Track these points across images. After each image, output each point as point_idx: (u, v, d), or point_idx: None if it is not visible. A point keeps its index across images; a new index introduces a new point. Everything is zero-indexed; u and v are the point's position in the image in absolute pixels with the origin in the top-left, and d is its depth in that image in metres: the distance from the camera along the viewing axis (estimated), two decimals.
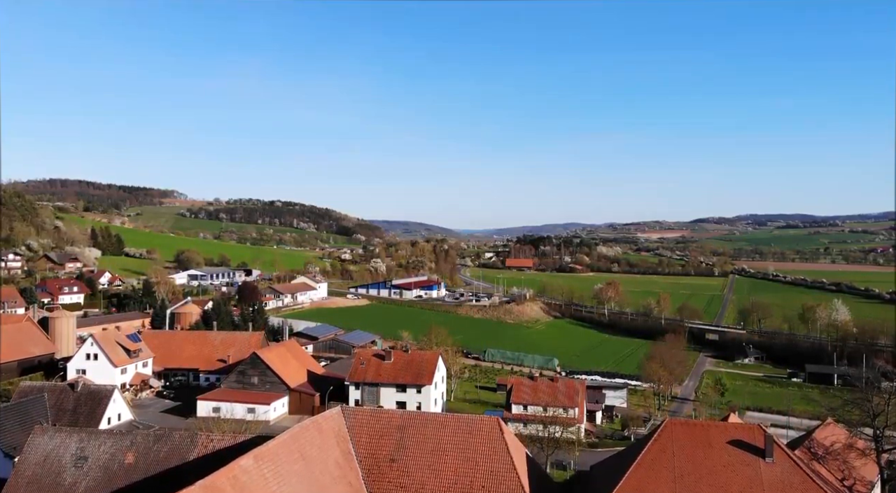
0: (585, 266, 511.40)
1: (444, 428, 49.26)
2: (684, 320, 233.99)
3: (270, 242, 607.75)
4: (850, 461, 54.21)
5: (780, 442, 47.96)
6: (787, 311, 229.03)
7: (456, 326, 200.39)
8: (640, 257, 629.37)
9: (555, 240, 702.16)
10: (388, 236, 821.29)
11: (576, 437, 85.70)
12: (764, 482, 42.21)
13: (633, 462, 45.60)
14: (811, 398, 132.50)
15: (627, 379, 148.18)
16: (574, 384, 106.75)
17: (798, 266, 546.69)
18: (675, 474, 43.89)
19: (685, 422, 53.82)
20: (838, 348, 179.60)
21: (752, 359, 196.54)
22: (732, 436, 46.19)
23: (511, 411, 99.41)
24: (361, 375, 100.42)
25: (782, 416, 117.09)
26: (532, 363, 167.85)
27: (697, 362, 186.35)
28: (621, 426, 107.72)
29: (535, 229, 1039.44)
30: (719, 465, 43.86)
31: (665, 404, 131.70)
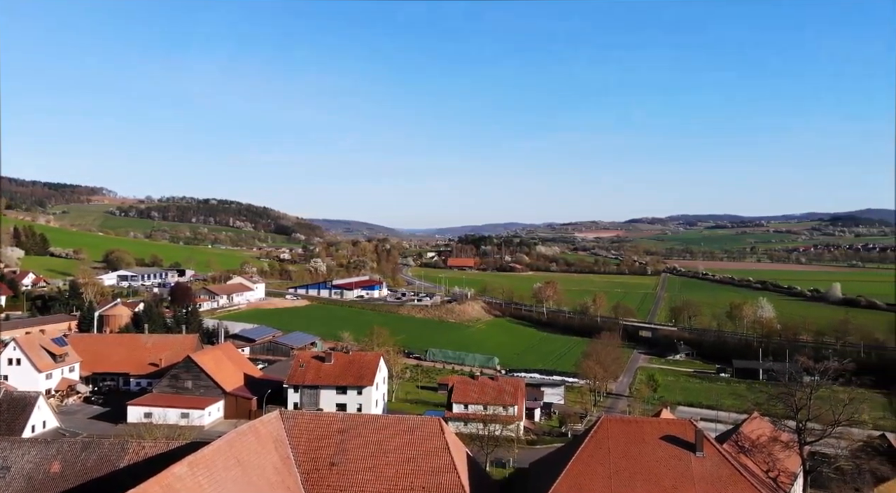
0: (525, 265, 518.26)
1: (385, 430, 49.16)
2: (619, 318, 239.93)
3: (205, 242, 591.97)
4: (774, 453, 56.76)
5: (710, 436, 49.87)
6: (716, 309, 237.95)
7: (398, 326, 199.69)
8: (578, 257, 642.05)
9: (496, 240, 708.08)
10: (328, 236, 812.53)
11: (515, 435, 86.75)
12: (694, 475, 43.80)
13: (570, 459, 46.58)
14: (738, 393, 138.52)
15: (565, 377, 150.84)
16: (514, 383, 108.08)
17: (726, 265, 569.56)
18: (611, 470, 45.06)
19: (620, 419, 55.33)
20: (763, 345, 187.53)
21: (682, 355, 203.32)
22: (665, 431, 47.75)
23: (452, 410, 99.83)
24: (300, 377, 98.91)
25: (711, 410, 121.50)
26: (473, 363, 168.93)
27: (631, 359, 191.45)
28: (559, 423, 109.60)
29: (477, 229, 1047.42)
30: (653, 460, 45.27)
31: (601, 401, 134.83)
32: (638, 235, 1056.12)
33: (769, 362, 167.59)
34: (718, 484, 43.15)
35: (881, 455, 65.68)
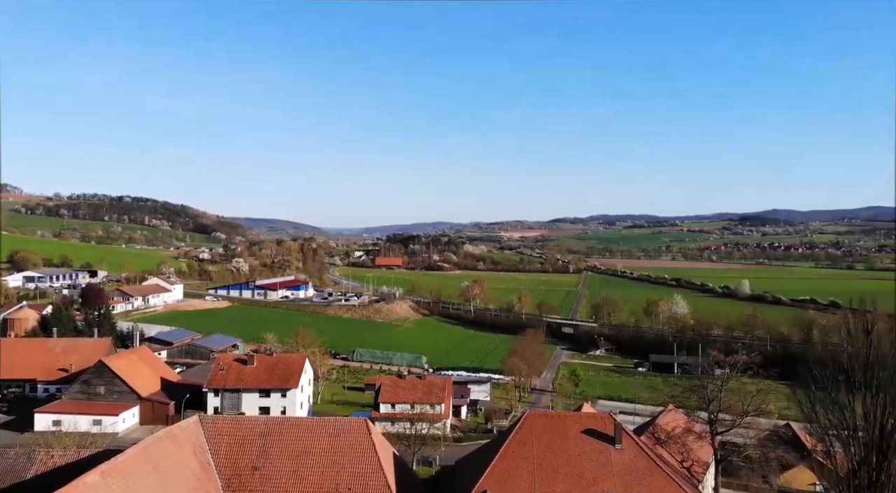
0: (453, 264, 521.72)
1: (309, 432, 48.42)
2: (543, 316, 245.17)
3: (118, 241, 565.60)
4: (688, 443, 59.37)
5: (628, 429, 51.64)
6: (634, 305, 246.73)
7: (324, 326, 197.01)
8: (504, 256, 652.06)
9: (424, 239, 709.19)
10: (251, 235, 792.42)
11: (442, 433, 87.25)
12: (614, 467, 45.26)
13: (495, 455, 47.21)
14: (655, 387, 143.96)
15: (491, 374, 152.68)
16: (441, 381, 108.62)
17: (643, 263, 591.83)
18: (535, 464, 45.97)
19: (543, 414, 56.54)
20: (678, 340, 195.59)
21: (602, 351, 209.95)
22: (586, 425, 49.12)
23: (379, 410, 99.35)
24: (221, 381, 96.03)
25: (630, 404, 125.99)
26: (401, 362, 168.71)
27: (555, 355, 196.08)
28: (485, 420, 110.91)
29: (405, 228, 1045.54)
30: (574, 454, 46.48)
31: (525, 397, 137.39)
32: (561, 234, 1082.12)
33: (683, 356, 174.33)
34: (636, 475, 44.74)
35: (786, 444, 69.94)
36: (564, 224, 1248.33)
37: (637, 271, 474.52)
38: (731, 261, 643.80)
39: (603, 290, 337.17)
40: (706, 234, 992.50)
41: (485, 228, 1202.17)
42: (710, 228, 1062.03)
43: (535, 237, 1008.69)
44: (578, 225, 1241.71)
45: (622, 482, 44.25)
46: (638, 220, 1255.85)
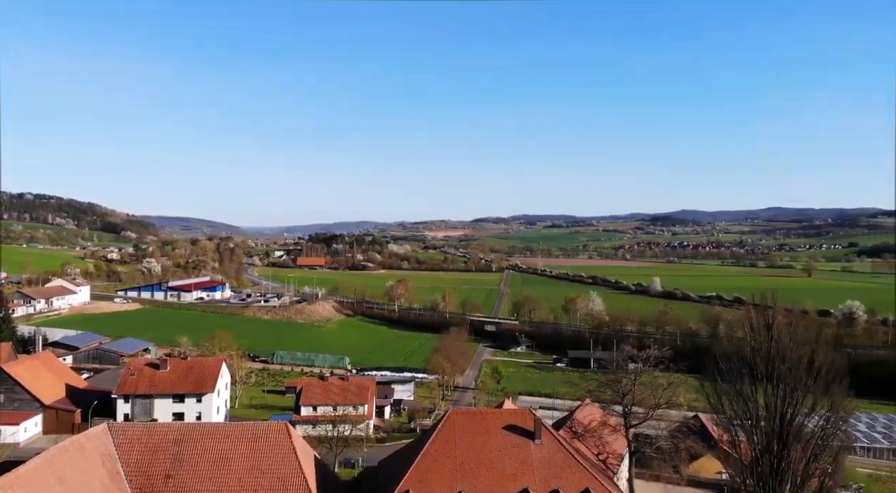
0: (377, 264, 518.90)
1: (227, 438, 47.10)
2: (467, 314, 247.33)
3: (19, 241, 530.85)
4: (604, 436, 61.33)
5: (547, 424, 52.85)
6: (553, 303, 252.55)
7: (242, 329, 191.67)
8: (428, 255, 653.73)
9: (347, 238, 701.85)
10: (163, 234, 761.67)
11: (365, 434, 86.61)
12: (533, 462, 46.24)
13: (418, 454, 47.30)
14: (573, 382, 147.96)
15: (415, 373, 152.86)
16: (364, 382, 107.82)
17: (562, 262, 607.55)
18: (457, 462, 46.34)
19: (466, 411, 57.10)
20: (594, 335, 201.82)
21: (523, 347, 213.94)
22: (507, 421, 49.94)
23: (300, 413, 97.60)
24: (132, 386, 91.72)
25: (549, 399, 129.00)
26: (323, 363, 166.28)
27: (478, 353, 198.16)
28: (408, 419, 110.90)
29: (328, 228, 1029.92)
30: (495, 449, 47.17)
31: (449, 395, 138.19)
32: (484, 233, 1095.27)
33: (599, 351, 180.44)
34: (555, 469, 45.87)
35: (695, 435, 73.37)
36: (487, 224, 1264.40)
37: (556, 270, 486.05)
38: (643, 259, 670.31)
39: (524, 288, 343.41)
40: (620, 233, 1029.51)
41: (409, 227, 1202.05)
42: (624, 227, 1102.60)
43: (459, 237, 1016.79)
44: (501, 225, 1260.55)
45: (541, 476, 45.24)
46: (557, 220, 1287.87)
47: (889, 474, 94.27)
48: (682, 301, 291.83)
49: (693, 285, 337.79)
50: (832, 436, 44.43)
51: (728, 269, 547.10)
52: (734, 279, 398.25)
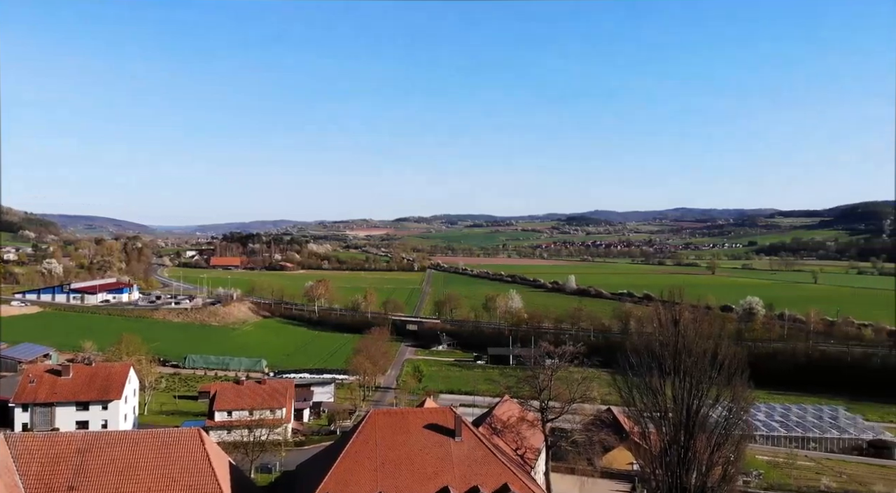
0: (296, 264, 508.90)
1: (135, 446, 45.03)
2: (388, 314, 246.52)
3: None
4: (522, 431, 62.50)
5: (467, 421, 53.39)
6: (474, 301, 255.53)
7: (152, 332, 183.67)
8: (350, 254, 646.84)
9: (264, 237, 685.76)
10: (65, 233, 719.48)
11: (282, 438, 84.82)
12: (454, 459, 46.60)
13: (338, 456, 46.72)
14: (492, 379, 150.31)
15: (336, 374, 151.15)
16: (282, 385, 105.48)
17: (482, 261, 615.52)
18: (378, 462, 46.09)
19: (387, 411, 56.83)
20: (513, 333, 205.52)
21: (445, 346, 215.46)
22: (428, 420, 50.08)
23: (214, 419, 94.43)
24: (31, 394, 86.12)
25: (470, 396, 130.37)
26: (239, 367, 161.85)
27: (399, 352, 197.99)
28: (328, 422, 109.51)
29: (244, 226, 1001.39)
30: (416, 449, 47.22)
31: (370, 395, 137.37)
32: (406, 233, 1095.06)
33: (518, 348, 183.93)
34: (474, 466, 46.40)
35: (608, 427, 75.87)
36: (409, 223, 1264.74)
37: (477, 269, 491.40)
38: (559, 258, 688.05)
39: (446, 287, 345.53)
40: (538, 233, 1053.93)
41: (330, 226, 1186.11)
42: (541, 227, 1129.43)
43: (381, 236, 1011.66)
44: (423, 224, 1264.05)
45: (461, 473, 45.66)
46: (478, 219, 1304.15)
47: (786, 460, 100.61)
48: (596, 298, 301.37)
49: (606, 283, 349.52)
50: (734, 426, 46.88)
51: (638, 267, 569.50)
52: (644, 277, 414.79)
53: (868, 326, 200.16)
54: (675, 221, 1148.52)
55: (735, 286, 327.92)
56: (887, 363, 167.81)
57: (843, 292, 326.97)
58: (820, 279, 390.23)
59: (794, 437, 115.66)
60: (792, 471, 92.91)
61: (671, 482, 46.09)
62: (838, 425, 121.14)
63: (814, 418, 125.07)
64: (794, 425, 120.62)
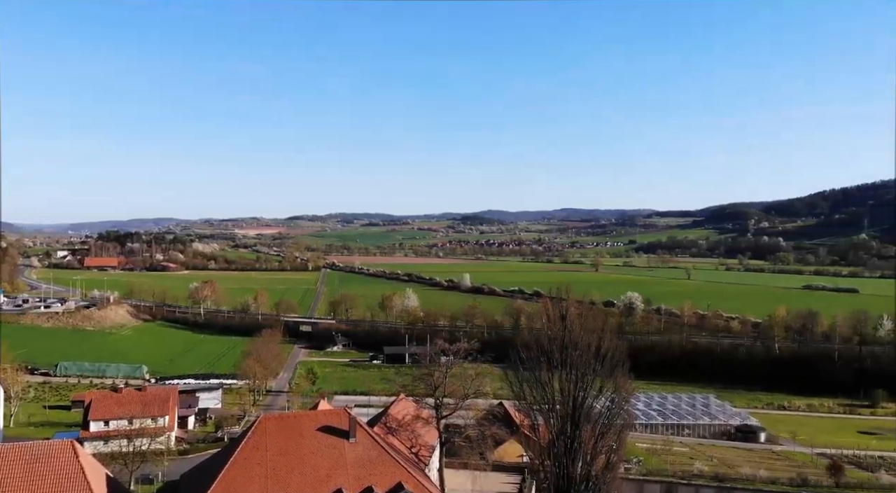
0: (180, 264, 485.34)
1: (0, 461, 41.31)
2: (280, 315, 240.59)
3: None
4: (417, 429, 62.82)
5: (362, 422, 52.97)
6: (370, 300, 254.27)
7: (19, 338, 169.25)
8: (239, 254, 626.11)
9: (145, 236, 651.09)
10: None
11: (165, 447, 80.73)
12: (347, 461, 46.10)
13: (225, 464, 45.01)
14: (388, 378, 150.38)
15: (223, 379, 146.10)
16: (164, 392, 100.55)
17: (379, 260, 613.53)
18: (268, 469, 44.80)
19: (278, 416, 55.40)
20: (410, 331, 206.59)
21: (340, 346, 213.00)
22: (322, 423, 49.20)
23: (90, 429, 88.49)
24: None
25: (365, 396, 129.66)
26: (117, 374, 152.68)
27: (292, 354, 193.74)
28: (215, 428, 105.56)
29: (122, 225, 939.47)
30: (309, 452, 46.30)
31: (261, 400, 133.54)
32: (299, 232, 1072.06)
33: (414, 346, 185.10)
34: (369, 467, 46.13)
35: (499, 421, 77.81)
36: (303, 222, 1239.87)
37: (373, 268, 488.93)
38: (454, 257, 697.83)
39: (341, 287, 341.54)
40: (434, 232, 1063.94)
41: (217, 224, 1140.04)
42: (437, 226, 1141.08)
43: (273, 235, 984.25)
44: (317, 222, 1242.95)
45: (355, 474, 45.29)
46: (374, 218, 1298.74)
47: (663, 446, 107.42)
48: (489, 296, 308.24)
49: (499, 281, 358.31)
50: (616, 415, 49.39)
51: (529, 265, 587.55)
52: (534, 274, 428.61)
53: (735, 318, 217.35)
54: (562, 221, 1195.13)
55: (617, 283, 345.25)
56: (752, 353, 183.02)
57: (713, 287, 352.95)
58: (692, 276, 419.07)
59: (671, 424, 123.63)
60: (668, 457, 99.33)
61: (558, 472, 47.94)
62: (710, 412, 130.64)
63: (688, 406, 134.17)
64: (671, 413, 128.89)
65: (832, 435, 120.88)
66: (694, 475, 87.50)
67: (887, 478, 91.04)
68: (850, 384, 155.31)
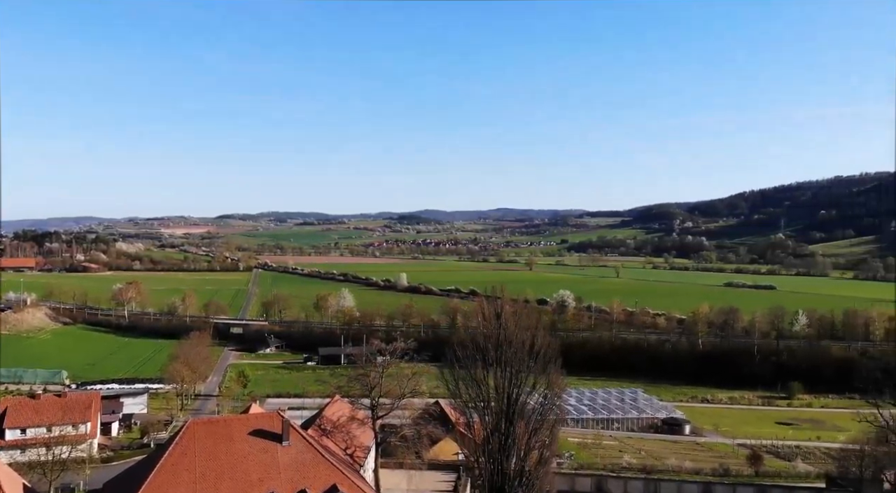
0: (103, 265, 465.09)
1: None
2: (210, 316, 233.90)
3: None
4: (352, 430, 62.35)
5: (296, 425, 52.19)
6: (305, 301, 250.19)
7: None
8: (165, 254, 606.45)
9: (64, 236, 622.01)
10: None
11: (87, 454, 77.22)
12: (280, 465, 45.32)
13: (151, 470, 43.47)
14: (323, 379, 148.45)
15: (149, 383, 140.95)
16: (86, 397, 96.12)
17: (314, 259, 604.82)
18: (197, 475, 43.55)
19: (208, 420, 53.87)
20: (345, 332, 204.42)
21: (273, 348, 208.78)
22: (253, 426, 48.21)
23: (5, 437, 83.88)
24: None
25: (299, 399, 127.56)
26: (34, 379, 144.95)
27: (222, 357, 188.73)
28: (141, 435, 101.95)
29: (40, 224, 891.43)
30: (240, 457, 45.26)
31: (189, 404, 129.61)
32: (230, 231, 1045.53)
33: (350, 346, 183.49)
34: (302, 469, 45.47)
35: (435, 420, 78.03)
36: (234, 220, 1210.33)
37: (308, 268, 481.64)
38: (391, 256, 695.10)
39: (274, 287, 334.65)
40: (370, 231, 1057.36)
41: (142, 223, 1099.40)
42: (373, 225, 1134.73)
43: (202, 234, 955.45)
44: (249, 221, 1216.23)
45: (288, 478, 44.58)
46: (309, 217, 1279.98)
47: (593, 440, 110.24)
48: (426, 295, 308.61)
49: (435, 280, 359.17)
50: (549, 411, 50.33)
51: (465, 264, 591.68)
52: (470, 273, 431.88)
53: (662, 315, 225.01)
54: (497, 221, 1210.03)
55: (550, 281, 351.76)
56: (678, 349, 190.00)
57: (641, 285, 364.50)
58: (621, 274, 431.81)
59: (601, 419, 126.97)
60: (599, 451, 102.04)
61: (493, 469, 48.46)
62: (638, 406, 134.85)
63: (617, 400, 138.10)
64: (601, 407, 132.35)
65: (752, 426, 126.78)
66: (623, 467, 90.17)
67: (803, 466, 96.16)
68: (768, 377, 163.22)
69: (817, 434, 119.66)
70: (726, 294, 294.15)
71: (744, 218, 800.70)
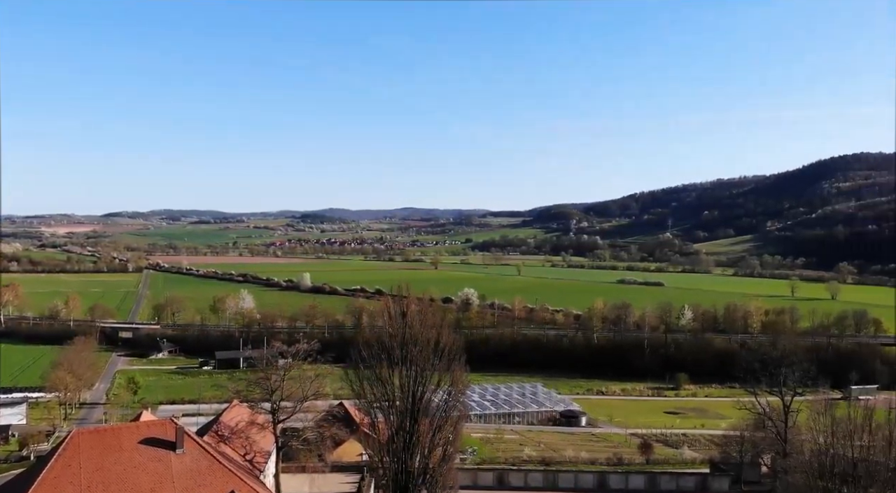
0: None
1: None
2: (96, 321, 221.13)
3: None
4: (252, 435, 60.45)
5: (191, 431, 50.03)
6: (201, 303, 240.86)
7: None
8: (46, 254, 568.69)
9: None
10: None
11: None
12: (174, 473, 43.30)
13: (31, 485, 40.41)
14: (220, 384, 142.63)
15: (28, 392, 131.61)
16: None
17: (210, 259, 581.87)
18: (82, 487, 40.91)
19: (94, 430, 50.56)
20: (245, 334, 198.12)
21: (166, 353, 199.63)
22: (144, 435, 45.79)
23: None
24: None
25: (194, 405, 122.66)
26: None
27: (110, 363, 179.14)
28: (20, 446, 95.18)
29: None
30: (130, 467, 42.91)
31: (73, 413, 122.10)
32: (118, 229, 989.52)
33: (249, 349, 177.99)
34: (197, 478, 43.66)
35: (339, 421, 77.05)
36: (122, 219, 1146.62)
37: (204, 268, 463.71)
38: (294, 256, 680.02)
39: (167, 289, 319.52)
40: (271, 230, 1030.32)
41: (20, 222, 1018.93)
42: (274, 224, 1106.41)
43: (87, 233, 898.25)
44: (139, 220, 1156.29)
45: (182, 486, 42.72)
46: (204, 215, 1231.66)
47: (495, 435, 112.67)
48: (331, 295, 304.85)
49: (340, 280, 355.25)
50: (453, 408, 51.03)
51: (371, 263, 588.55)
52: (376, 273, 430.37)
53: (560, 311, 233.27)
54: (403, 220, 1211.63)
55: (454, 279, 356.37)
56: (575, 343, 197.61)
57: (541, 282, 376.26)
58: (523, 272, 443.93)
59: (503, 413, 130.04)
60: (500, 445, 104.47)
61: (397, 468, 48.57)
62: (537, 400, 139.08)
63: (518, 395, 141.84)
64: (503, 402, 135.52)
65: (643, 416, 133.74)
66: (524, 460, 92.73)
67: (689, 453, 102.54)
68: (657, 369, 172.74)
69: (702, 422, 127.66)
70: (619, 291, 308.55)
71: (635, 218, 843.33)
